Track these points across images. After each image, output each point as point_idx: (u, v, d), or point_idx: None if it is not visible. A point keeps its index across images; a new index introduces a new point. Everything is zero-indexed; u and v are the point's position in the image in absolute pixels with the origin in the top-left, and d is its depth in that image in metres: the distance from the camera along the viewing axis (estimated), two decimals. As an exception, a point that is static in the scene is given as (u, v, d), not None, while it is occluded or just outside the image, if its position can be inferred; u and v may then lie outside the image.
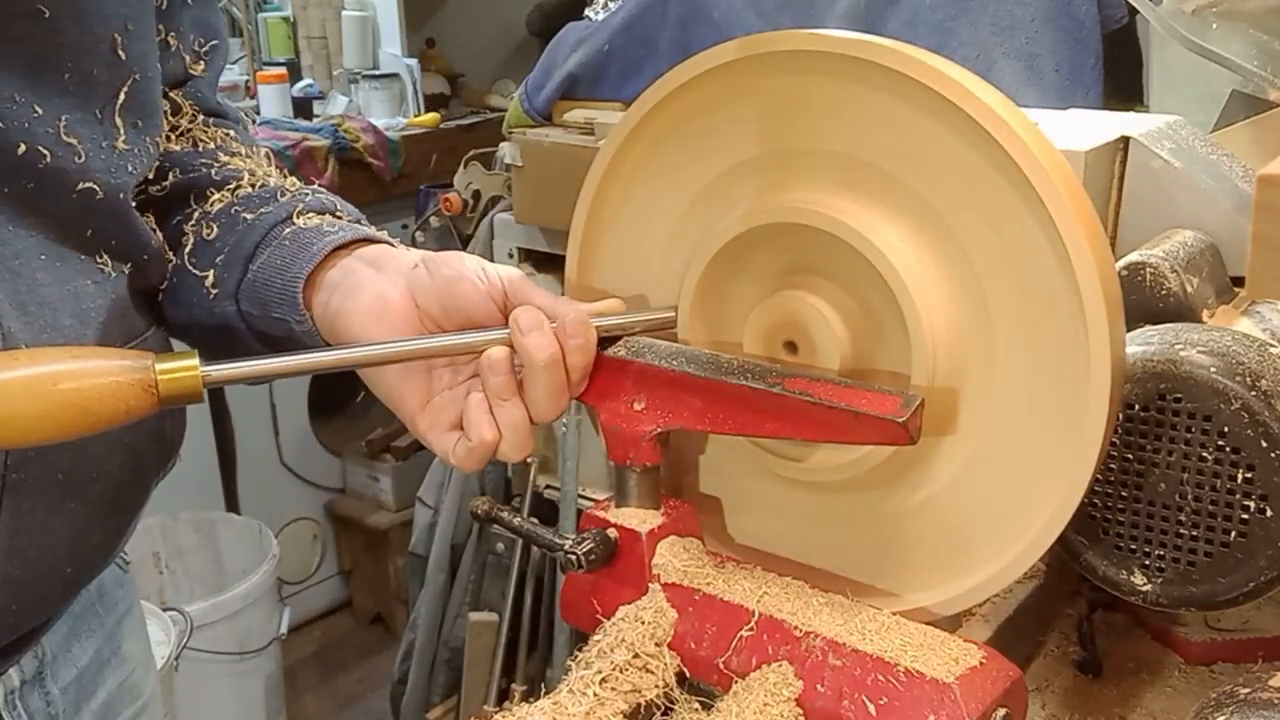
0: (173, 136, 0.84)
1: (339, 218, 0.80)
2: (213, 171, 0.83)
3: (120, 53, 0.69)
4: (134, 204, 0.75)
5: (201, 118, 0.86)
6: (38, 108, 0.65)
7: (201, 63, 0.85)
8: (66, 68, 0.66)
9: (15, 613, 0.73)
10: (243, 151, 0.87)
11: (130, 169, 0.72)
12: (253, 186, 0.82)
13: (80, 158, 0.68)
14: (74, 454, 0.71)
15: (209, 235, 0.79)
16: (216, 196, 0.81)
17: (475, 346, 0.68)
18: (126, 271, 0.75)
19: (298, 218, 0.77)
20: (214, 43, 0.86)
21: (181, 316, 0.81)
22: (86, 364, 0.60)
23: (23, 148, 0.65)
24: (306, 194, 0.81)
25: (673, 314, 0.71)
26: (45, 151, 0.66)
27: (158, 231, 0.80)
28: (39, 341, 0.67)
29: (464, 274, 0.70)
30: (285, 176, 0.86)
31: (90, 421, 0.60)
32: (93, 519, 0.75)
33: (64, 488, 0.71)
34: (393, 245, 0.78)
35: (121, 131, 0.71)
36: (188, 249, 0.79)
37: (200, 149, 0.85)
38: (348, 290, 0.72)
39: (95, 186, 0.69)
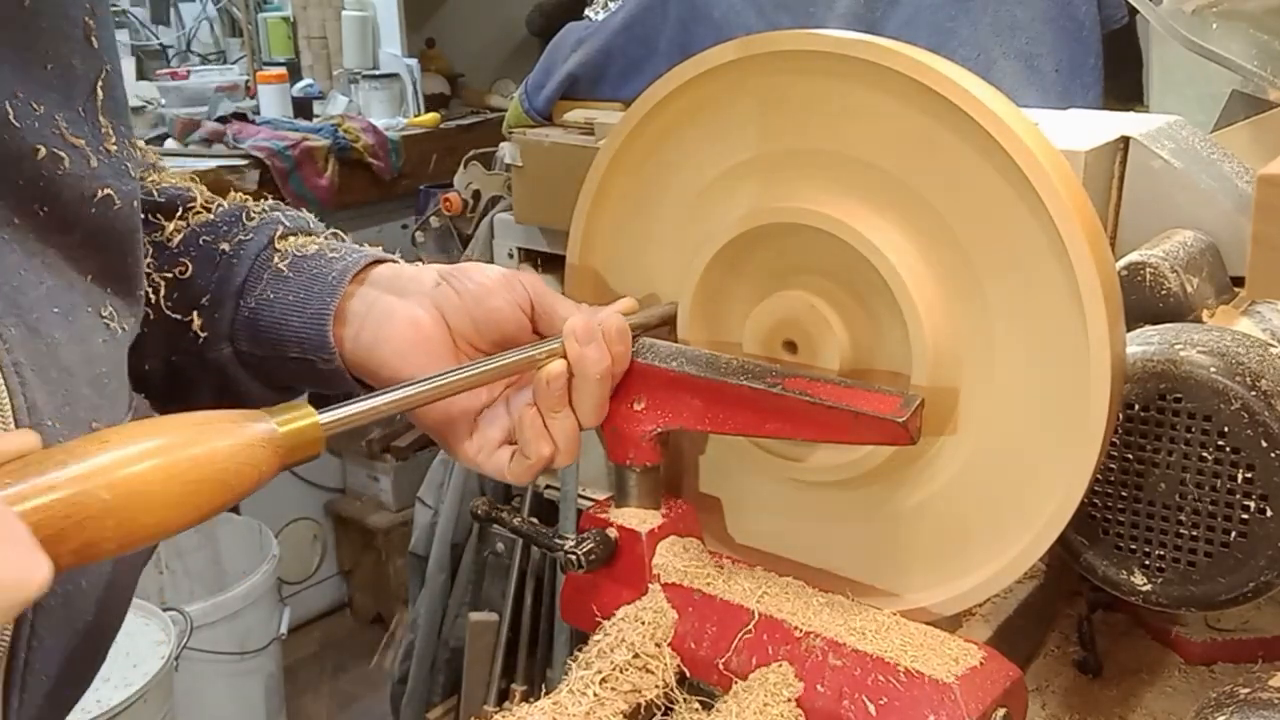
0: None
1: (316, 235, 0.76)
2: (156, 193, 0.76)
3: (93, 40, 0.63)
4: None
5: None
6: (35, 105, 0.59)
7: None
8: (48, 57, 0.60)
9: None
10: (163, 165, 0.81)
11: (130, 173, 0.66)
12: (207, 209, 0.76)
13: (90, 162, 0.62)
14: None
15: (183, 274, 0.73)
16: (172, 226, 0.75)
17: (539, 361, 0.67)
18: (128, 330, 0.67)
19: (279, 242, 0.74)
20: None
21: (151, 365, 0.73)
22: (213, 430, 0.52)
23: (42, 151, 0.59)
24: (273, 213, 0.77)
25: (672, 314, 0.72)
26: (62, 155, 0.60)
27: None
28: (63, 415, 0.58)
29: (490, 287, 0.69)
30: (231, 193, 0.80)
31: (229, 497, 0.52)
32: (93, 608, 0.64)
33: (72, 593, 0.62)
34: (396, 262, 0.75)
35: (111, 133, 0.64)
36: (160, 291, 0.73)
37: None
38: (377, 321, 0.70)
39: (112, 194, 0.63)
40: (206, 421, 0.52)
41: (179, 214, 0.76)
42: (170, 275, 0.73)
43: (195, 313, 0.73)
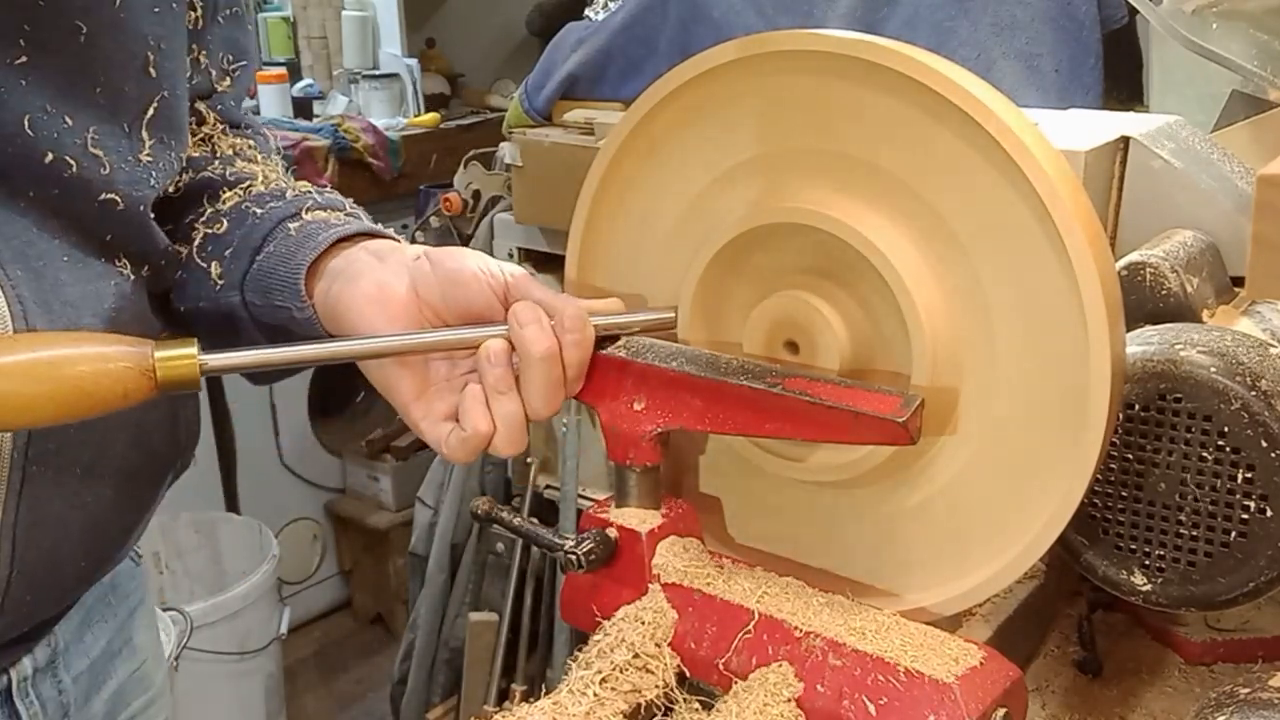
0: (192, 142, 0.85)
1: (349, 215, 0.81)
2: (226, 173, 0.84)
3: (151, 70, 0.71)
4: (151, 212, 0.76)
5: (222, 128, 0.88)
6: (68, 119, 0.67)
7: (228, 79, 0.86)
8: (99, 82, 0.68)
9: (30, 602, 0.74)
10: (258, 159, 0.88)
11: (152, 182, 0.74)
12: (265, 187, 0.83)
13: (105, 169, 0.69)
14: (92, 449, 0.72)
15: (219, 230, 0.80)
16: (228, 195, 0.83)
17: (473, 342, 0.68)
18: (144, 274, 0.77)
19: (306, 213, 0.78)
20: (243, 63, 0.87)
21: (188, 308, 0.82)
22: (86, 349, 0.61)
23: (50, 156, 0.66)
24: (317, 193, 0.83)
25: (673, 314, 0.71)
26: (72, 162, 0.68)
27: (171, 237, 0.81)
28: None
29: (466, 267, 0.70)
30: (301, 182, 0.87)
31: (89, 404, 0.61)
32: (108, 512, 0.76)
33: (81, 481, 0.72)
34: (397, 240, 0.78)
35: (146, 145, 0.72)
36: (196, 243, 0.81)
37: (218, 154, 0.86)
38: (349, 278, 0.72)
39: (117, 198, 0.71)
40: (91, 340, 0.62)
41: (240, 187, 0.83)
42: (210, 230, 0.81)
43: (216, 262, 0.79)
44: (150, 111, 0.72)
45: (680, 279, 0.71)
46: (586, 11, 2.23)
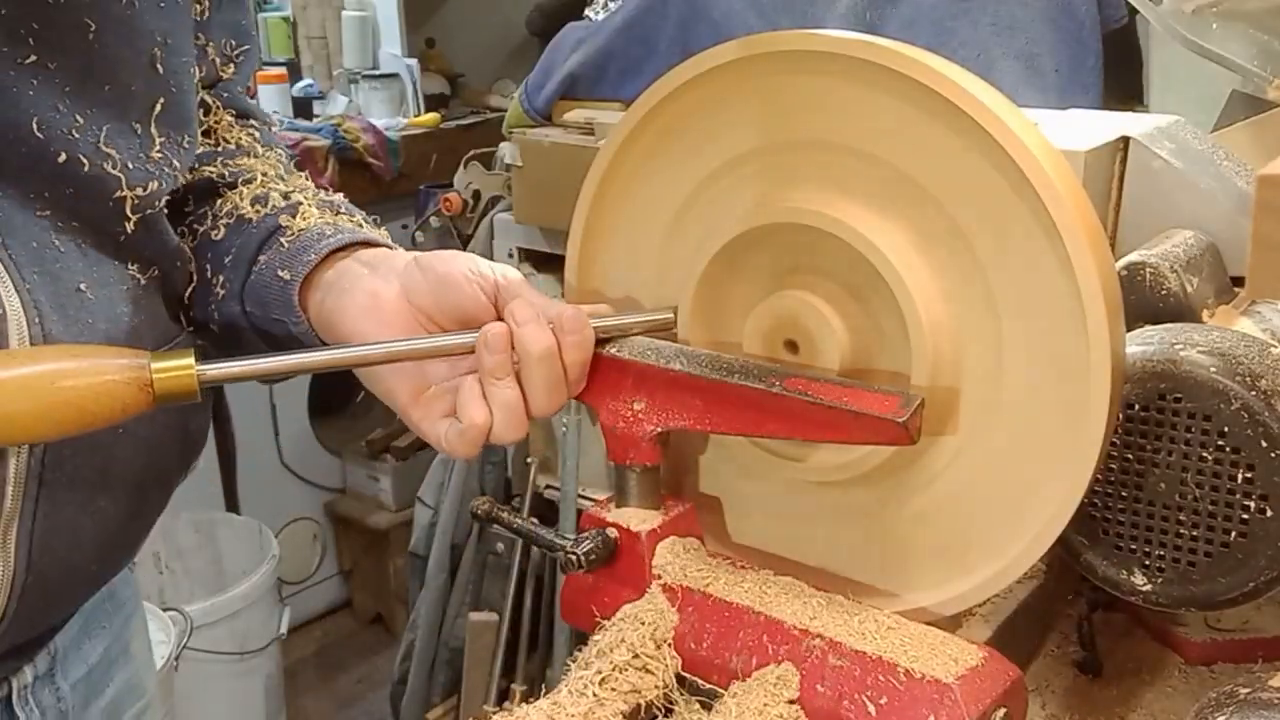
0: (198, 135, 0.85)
1: (345, 218, 0.81)
2: (226, 172, 0.84)
3: (158, 66, 0.71)
4: (165, 210, 0.77)
5: (228, 118, 0.88)
6: (79, 118, 0.67)
7: (232, 65, 0.86)
8: (108, 80, 0.68)
9: (41, 609, 0.74)
10: (260, 151, 0.88)
11: (164, 179, 0.74)
12: (264, 186, 0.83)
13: (116, 167, 0.69)
14: (104, 454, 0.72)
15: (216, 236, 0.81)
16: (227, 196, 0.83)
17: (468, 346, 0.68)
18: (157, 277, 0.77)
19: (299, 218, 0.79)
20: (245, 47, 0.87)
21: (200, 316, 0.82)
22: (83, 363, 0.61)
23: (64, 156, 0.66)
24: (313, 194, 0.83)
25: (671, 315, 0.71)
26: (84, 160, 0.68)
27: (182, 239, 0.82)
28: (78, 342, 0.69)
29: (456, 270, 0.70)
30: (299, 176, 0.88)
31: (87, 420, 0.61)
32: (120, 519, 0.76)
33: (95, 487, 0.73)
34: (391, 248, 0.78)
35: (156, 142, 0.72)
36: (194, 247, 0.81)
37: (220, 148, 0.87)
38: (342, 290, 0.73)
39: (130, 196, 0.71)
40: (88, 353, 0.62)
41: (239, 189, 0.83)
42: (208, 234, 0.81)
43: (220, 273, 0.79)
44: (158, 108, 0.72)
45: (680, 279, 0.71)
46: (586, 11, 2.23)
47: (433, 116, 3.21)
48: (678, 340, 0.71)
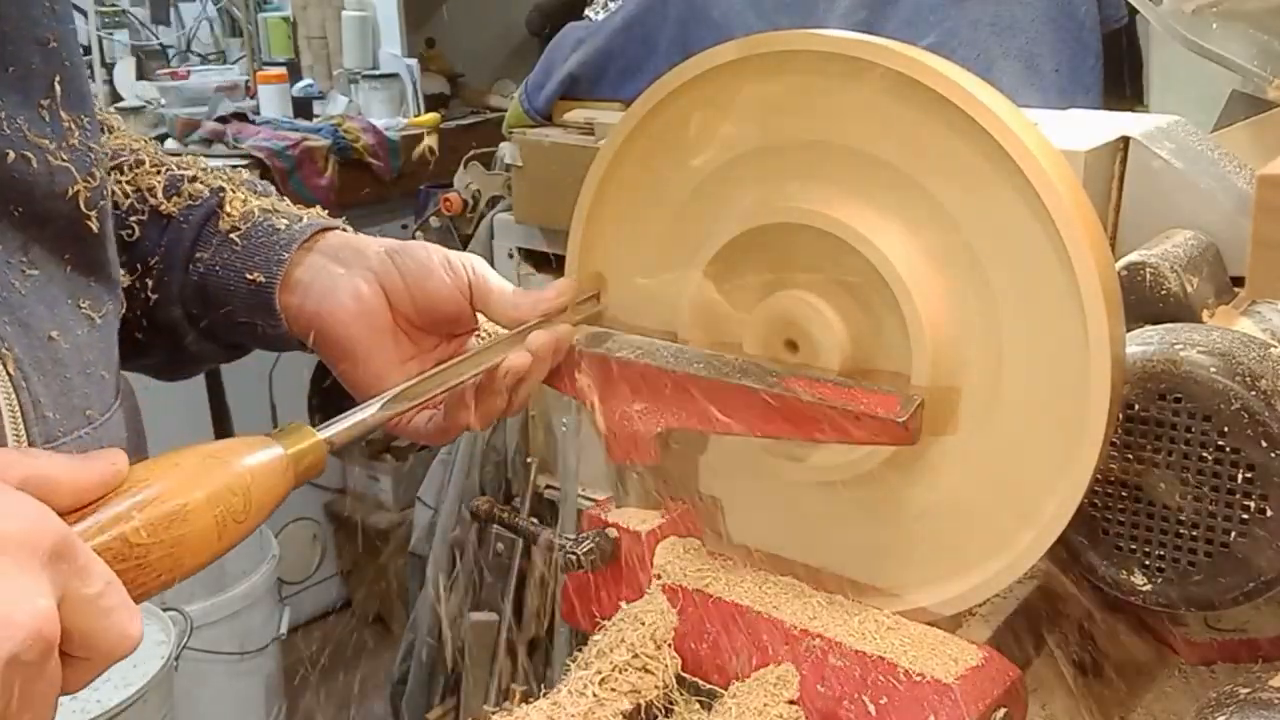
0: None
1: (273, 199, 0.80)
2: (106, 155, 0.75)
3: (49, 35, 0.63)
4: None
5: None
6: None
7: None
8: (9, 60, 0.61)
9: None
10: (115, 124, 0.81)
11: (96, 166, 0.66)
12: (157, 171, 0.77)
13: (55, 159, 0.63)
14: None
15: (130, 237, 0.75)
16: (121, 191, 0.76)
17: (497, 362, 0.70)
18: (109, 316, 0.69)
19: (229, 206, 0.76)
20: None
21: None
22: (232, 468, 0.54)
23: (11, 155, 0.60)
24: (219, 175, 0.79)
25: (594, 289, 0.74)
26: (29, 155, 0.61)
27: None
28: (60, 405, 0.62)
29: (430, 269, 0.73)
30: (161, 148, 0.82)
31: (249, 527, 0.55)
32: None
33: None
34: (345, 230, 0.79)
35: (74, 128, 0.65)
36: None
37: None
38: (321, 293, 0.73)
39: (82, 189, 0.64)
40: (226, 454, 0.54)
41: (128, 177, 0.77)
42: (119, 236, 0.73)
43: (146, 276, 0.75)
44: (58, 88, 0.63)
45: (680, 278, 0.71)
46: (586, 11, 2.23)
47: (433, 116, 3.21)
48: (678, 340, 0.71)
